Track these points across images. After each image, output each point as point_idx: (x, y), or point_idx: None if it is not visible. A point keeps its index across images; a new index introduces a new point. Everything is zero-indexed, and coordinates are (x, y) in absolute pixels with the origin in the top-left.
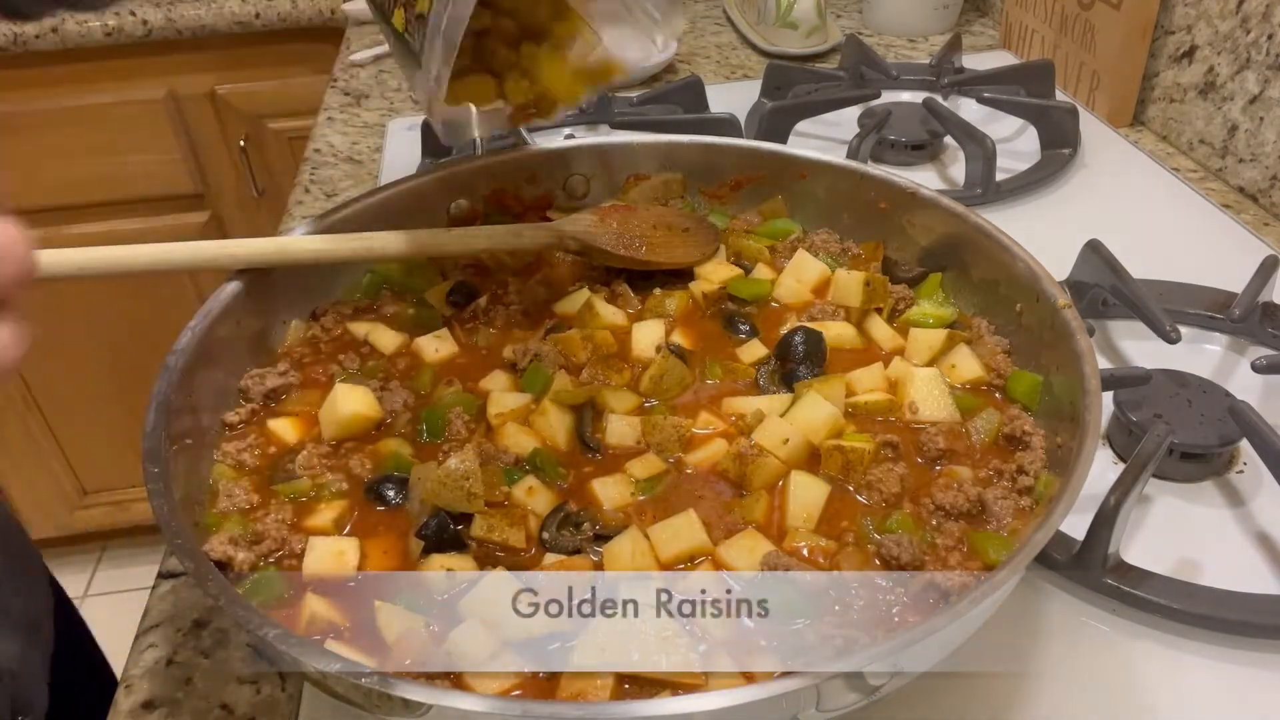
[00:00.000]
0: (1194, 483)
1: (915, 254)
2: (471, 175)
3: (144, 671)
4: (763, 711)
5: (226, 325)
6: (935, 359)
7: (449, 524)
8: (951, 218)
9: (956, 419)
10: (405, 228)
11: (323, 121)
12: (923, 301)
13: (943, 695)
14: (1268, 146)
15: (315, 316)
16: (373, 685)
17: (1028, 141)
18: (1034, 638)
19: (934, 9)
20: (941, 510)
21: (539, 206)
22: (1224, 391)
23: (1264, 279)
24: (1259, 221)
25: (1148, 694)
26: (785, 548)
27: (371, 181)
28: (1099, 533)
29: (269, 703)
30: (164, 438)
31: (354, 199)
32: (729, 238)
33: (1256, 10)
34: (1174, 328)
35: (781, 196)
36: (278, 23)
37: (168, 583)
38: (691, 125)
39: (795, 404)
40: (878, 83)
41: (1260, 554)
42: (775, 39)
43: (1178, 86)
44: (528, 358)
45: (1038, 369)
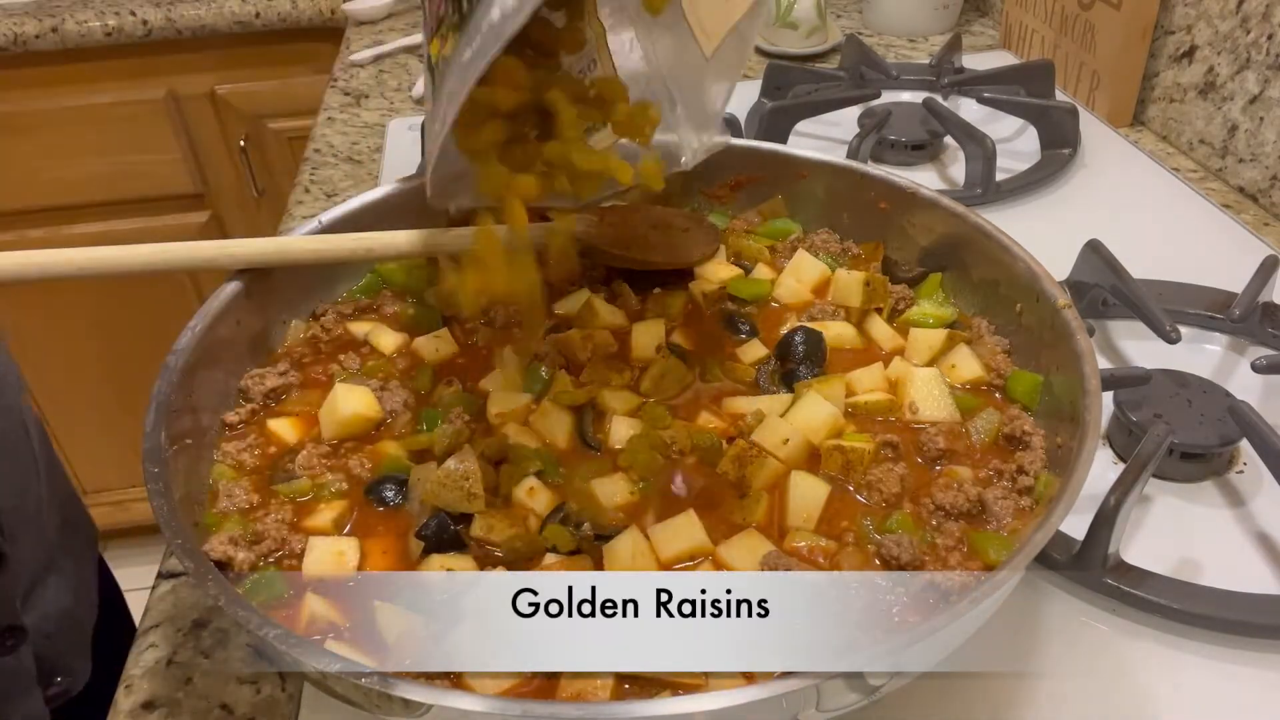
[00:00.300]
0: (1194, 483)
1: (915, 254)
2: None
3: (144, 671)
4: (763, 711)
5: (226, 325)
6: (935, 359)
7: (449, 524)
8: (951, 218)
9: (956, 419)
10: (405, 228)
11: (323, 121)
12: (923, 301)
13: (943, 695)
14: (1268, 146)
15: (315, 316)
16: (373, 685)
17: (1028, 141)
18: (1034, 638)
19: (934, 9)
20: (941, 510)
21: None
22: (1224, 391)
23: (1264, 279)
24: (1259, 221)
25: (1148, 694)
26: (785, 548)
27: (371, 181)
28: (1099, 533)
29: (269, 703)
30: (164, 438)
31: (354, 199)
32: (729, 238)
33: (1256, 10)
34: (1174, 328)
35: (781, 196)
36: (278, 23)
37: (168, 583)
38: None
39: (795, 404)
40: (878, 83)
41: (1260, 554)
42: (775, 39)
43: (1178, 86)
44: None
45: (1038, 369)
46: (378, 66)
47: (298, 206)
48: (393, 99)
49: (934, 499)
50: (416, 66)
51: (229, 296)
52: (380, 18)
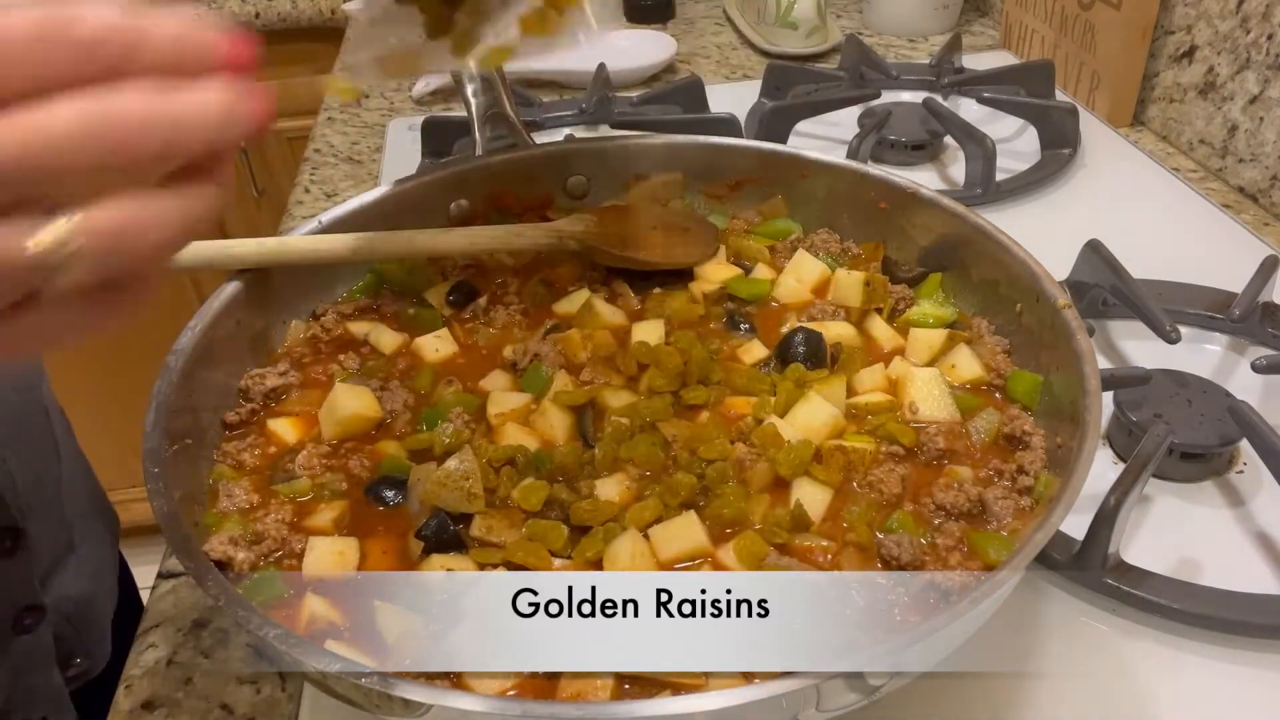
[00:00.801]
0: (1194, 483)
1: (915, 254)
2: (471, 175)
3: (144, 671)
4: (763, 711)
5: (226, 325)
6: (935, 359)
7: (449, 524)
8: (952, 218)
9: (957, 419)
10: (405, 228)
11: (323, 121)
12: (923, 301)
13: (943, 695)
14: (1268, 146)
15: (315, 316)
16: (373, 685)
17: (1028, 141)
18: (1034, 638)
19: (934, 9)
20: (942, 510)
21: (539, 206)
22: (1224, 391)
23: (1264, 279)
24: (1259, 221)
25: (1148, 694)
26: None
27: (371, 181)
28: (1099, 533)
29: (269, 703)
30: (164, 438)
31: (354, 199)
32: (729, 238)
33: (1256, 10)
34: (1174, 328)
35: (782, 196)
36: (278, 23)
37: (168, 583)
38: (691, 125)
39: (796, 406)
40: (878, 83)
41: (1260, 554)
42: (775, 39)
43: (1178, 86)
44: (528, 357)
45: (1038, 369)
46: None
47: (298, 206)
48: (393, 99)
49: (934, 499)
50: None
51: (229, 296)
52: None
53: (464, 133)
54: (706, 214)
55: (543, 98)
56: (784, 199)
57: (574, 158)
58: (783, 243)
